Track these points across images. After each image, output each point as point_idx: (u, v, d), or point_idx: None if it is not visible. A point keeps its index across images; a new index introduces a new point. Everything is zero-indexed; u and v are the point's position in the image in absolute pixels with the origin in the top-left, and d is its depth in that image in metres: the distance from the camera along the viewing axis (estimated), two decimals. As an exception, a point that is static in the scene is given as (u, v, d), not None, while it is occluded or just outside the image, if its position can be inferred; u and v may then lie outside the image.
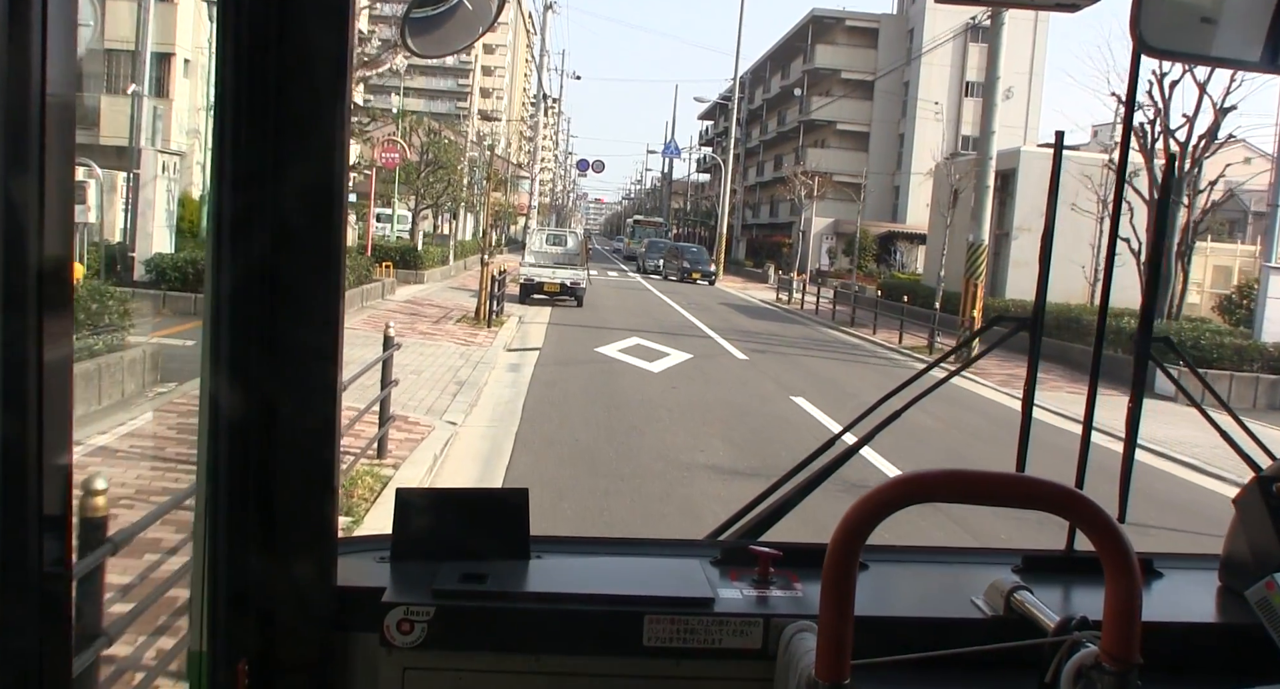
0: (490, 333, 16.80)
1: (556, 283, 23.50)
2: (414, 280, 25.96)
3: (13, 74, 0.81)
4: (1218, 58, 1.63)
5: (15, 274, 0.83)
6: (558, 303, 23.95)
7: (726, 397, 12.67)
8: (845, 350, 19.62)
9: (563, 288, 23.56)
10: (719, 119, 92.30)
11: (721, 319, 24.46)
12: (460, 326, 17.35)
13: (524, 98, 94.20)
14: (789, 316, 27.65)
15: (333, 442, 1.35)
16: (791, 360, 16.89)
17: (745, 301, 32.65)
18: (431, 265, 28.04)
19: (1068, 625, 1.17)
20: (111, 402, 8.57)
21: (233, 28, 1.22)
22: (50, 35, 0.83)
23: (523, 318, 20.18)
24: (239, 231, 1.25)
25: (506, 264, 26.05)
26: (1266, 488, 1.51)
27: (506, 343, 15.87)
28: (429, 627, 1.37)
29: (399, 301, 21.02)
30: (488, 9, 1.58)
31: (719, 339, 19.19)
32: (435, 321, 17.61)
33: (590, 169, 63.65)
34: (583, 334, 18.38)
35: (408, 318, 17.79)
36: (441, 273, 29.15)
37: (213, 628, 1.26)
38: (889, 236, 47.82)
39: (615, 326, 19.86)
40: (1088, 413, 1.73)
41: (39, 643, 0.88)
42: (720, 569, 1.55)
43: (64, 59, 0.85)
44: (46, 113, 0.83)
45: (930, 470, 1.01)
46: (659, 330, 19.94)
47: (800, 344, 19.97)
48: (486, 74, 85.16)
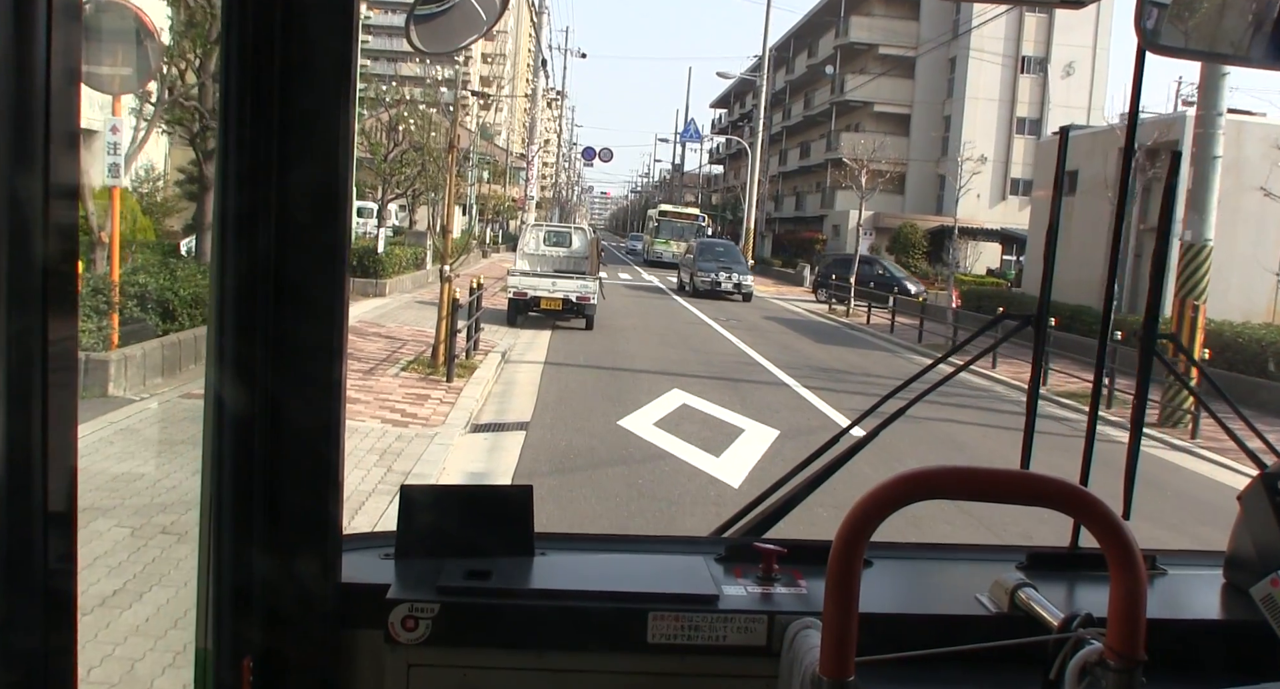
0: (450, 391, 10.59)
1: (557, 298, 17.22)
2: (373, 292, 19.84)
3: (18, 71, 0.81)
4: (1222, 54, 1.59)
5: (20, 271, 0.82)
6: (559, 325, 17.74)
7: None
8: (988, 404, 13.35)
9: (566, 305, 17.26)
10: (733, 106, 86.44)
11: (779, 344, 18.24)
12: (408, 380, 11.14)
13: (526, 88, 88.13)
14: (859, 338, 21.40)
15: (337, 439, 1.34)
16: (929, 430, 10.64)
17: (793, 314, 26.39)
18: (397, 272, 21.89)
19: (1072, 622, 1.14)
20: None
21: (237, 25, 1.21)
22: (54, 33, 0.82)
23: (508, 354, 13.98)
24: (244, 228, 1.24)
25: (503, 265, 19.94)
26: (1271, 485, 1.50)
27: (473, 413, 9.68)
28: (433, 623, 1.37)
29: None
30: (492, 5, 1.58)
31: (798, 386, 12.98)
32: (369, 370, 11.41)
33: (597, 158, 57.29)
34: (595, 384, 12.19)
35: (330, 361, 11.58)
36: (413, 280, 22.98)
37: (217, 625, 1.26)
38: (942, 231, 41.61)
39: (643, 367, 13.65)
40: (1092, 410, 1.80)
41: (44, 640, 0.87)
42: (725, 566, 1.56)
43: (67, 57, 0.84)
44: (51, 110, 0.83)
45: (934, 467, 1.01)
46: (706, 371, 13.73)
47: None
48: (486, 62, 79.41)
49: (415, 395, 10.15)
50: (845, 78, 51.31)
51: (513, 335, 16.24)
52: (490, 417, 9.87)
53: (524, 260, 19.31)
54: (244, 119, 1.22)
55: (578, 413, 10.26)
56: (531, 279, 17.53)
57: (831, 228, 48.77)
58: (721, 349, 16.84)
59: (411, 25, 1.56)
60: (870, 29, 51.09)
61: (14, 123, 0.81)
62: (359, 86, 3.61)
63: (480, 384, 11.07)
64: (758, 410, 10.78)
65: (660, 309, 24.31)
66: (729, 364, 15.03)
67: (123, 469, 6.48)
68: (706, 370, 13.89)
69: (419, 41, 1.58)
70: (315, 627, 1.35)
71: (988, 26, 44.28)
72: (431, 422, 9.01)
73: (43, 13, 0.82)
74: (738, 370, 14.24)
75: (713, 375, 13.43)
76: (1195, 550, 1.79)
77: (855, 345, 19.59)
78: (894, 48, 49.67)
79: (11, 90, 0.81)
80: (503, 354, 13.70)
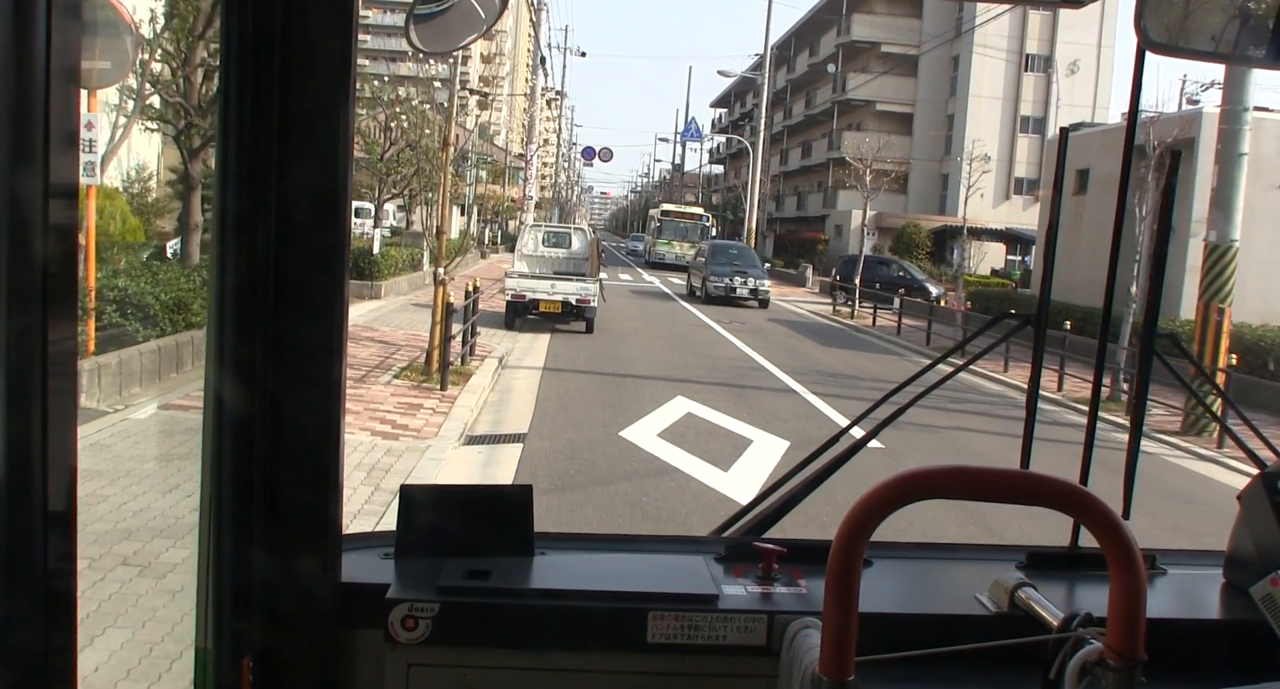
0: (444, 399, 10.12)
1: (556, 300, 16.74)
2: (369, 294, 19.36)
3: (18, 71, 0.81)
4: (1222, 54, 1.57)
5: (20, 271, 0.82)
6: (558, 329, 17.26)
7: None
8: (1002, 410, 12.88)
9: (565, 307, 16.78)
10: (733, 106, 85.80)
11: (785, 347, 17.76)
12: (399, 388, 10.67)
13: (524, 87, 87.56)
14: (867, 341, 20.91)
15: (336, 438, 1.34)
16: (945, 438, 10.17)
17: (798, 316, 25.90)
18: (394, 273, 21.40)
19: (1072, 622, 1.14)
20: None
21: (237, 24, 1.21)
22: (54, 33, 0.82)
23: (505, 359, 13.50)
24: (243, 228, 1.24)
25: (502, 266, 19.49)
26: (1271, 484, 1.49)
27: (467, 424, 9.20)
28: (433, 623, 1.37)
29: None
30: (491, 4, 1.57)
31: (806, 393, 12.50)
32: (361, 377, 10.92)
33: (597, 157, 56.75)
34: (596, 390, 11.72)
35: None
36: (409, 282, 22.49)
37: (217, 625, 1.25)
38: (945, 231, 41.10)
39: (645, 373, 13.17)
40: (1092, 410, 1.80)
41: (44, 640, 0.88)
42: (724, 566, 1.55)
43: (67, 57, 0.84)
44: (50, 109, 0.82)
45: (935, 467, 1.00)
46: (711, 377, 13.26)
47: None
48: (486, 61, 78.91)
49: (407, 405, 9.67)
50: (847, 76, 50.80)
51: (510, 339, 15.77)
52: (486, 427, 9.39)
53: (522, 262, 18.83)
54: (244, 119, 1.22)
55: (577, 423, 9.78)
56: (530, 281, 17.04)
57: (834, 228, 48.24)
58: (725, 352, 16.36)
59: (411, 25, 1.56)
60: (872, 27, 50.57)
61: (13, 122, 0.81)
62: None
63: (476, 392, 10.59)
64: (766, 419, 10.30)
65: (660, 311, 23.82)
66: (731, 365, 14.58)
67: (86, 491, 5.99)
68: (711, 376, 13.42)
69: (419, 41, 1.59)
70: (315, 626, 1.35)
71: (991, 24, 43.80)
72: (424, 434, 8.54)
73: (42, 13, 0.82)
74: (743, 376, 13.75)
75: (717, 381, 12.96)
76: (1195, 550, 1.79)
77: (858, 349, 19.10)
78: (896, 46, 49.19)
79: (11, 90, 0.81)
80: (500, 359, 13.22)
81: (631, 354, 15.22)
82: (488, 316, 17.32)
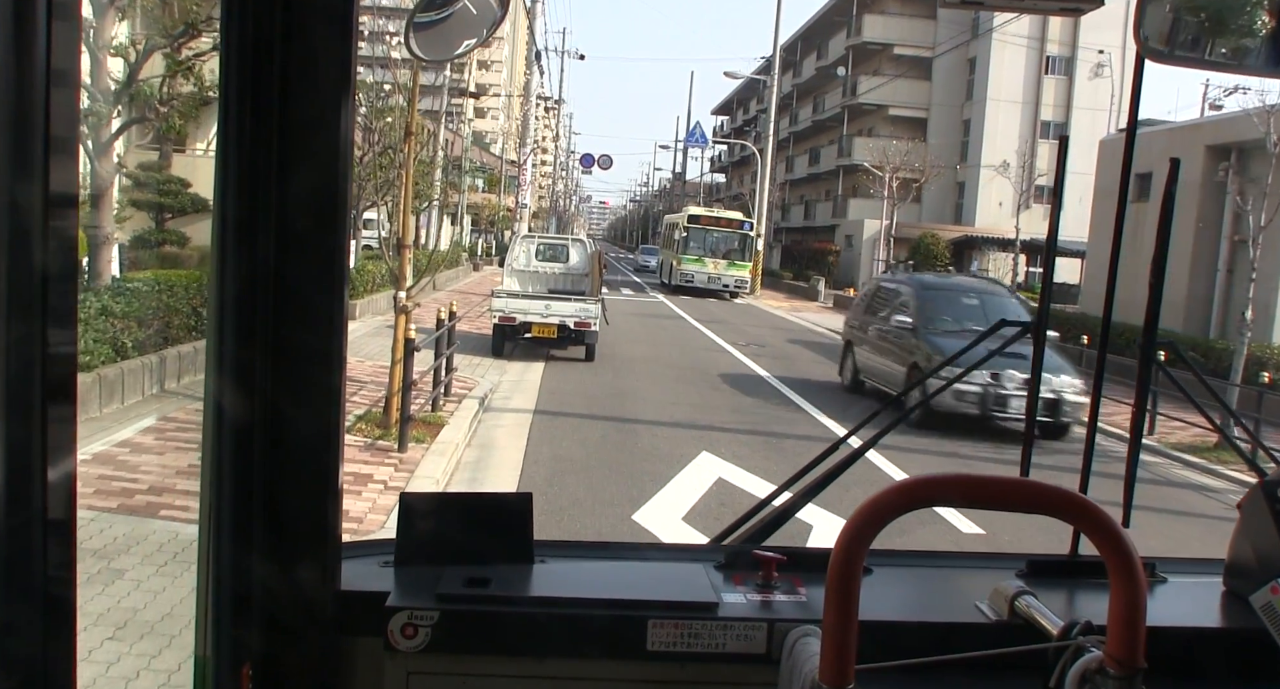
0: (403, 466, 7.75)
1: (551, 324, 14.37)
2: (339, 315, 17.01)
3: (17, 73, 0.80)
4: (1221, 63, 1.59)
5: (19, 278, 0.82)
6: (554, 356, 14.91)
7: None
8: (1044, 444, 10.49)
9: (562, 332, 14.42)
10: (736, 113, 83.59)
11: (810, 374, 15.42)
12: (349, 447, 8.30)
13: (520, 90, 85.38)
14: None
15: (336, 446, 1.34)
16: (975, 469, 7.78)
17: (814, 333, 23.57)
18: (370, 290, 19.08)
19: (1072, 630, 1.13)
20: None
21: (237, 29, 1.21)
22: (54, 34, 0.82)
23: (488, 399, 11.16)
24: (243, 234, 1.24)
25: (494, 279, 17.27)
26: (1271, 493, 1.49)
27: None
28: (433, 631, 1.37)
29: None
30: (491, 11, 1.58)
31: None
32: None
33: (596, 165, 54.47)
34: (599, 444, 9.37)
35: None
36: (387, 300, 20.13)
37: (217, 633, 1.25)
38: (964, 242, 38.85)
39: (658, 417, 10.81)
40: (1092, 418, 1.79)
41: (43, 647, 0.87)
42: (724, 574, 1.55)
43: (67, 59, 0.83)
44: (51, 114, 0.82)
45: (935, 474, 1.00)
46: (739, 421, 10.91)
47: (984, 448, 10.86)
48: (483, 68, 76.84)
49: (355, 476, 7.32)
50: (858, 80, 48.63)
51: (498, 370, 13.44)
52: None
53: (512, 278, 16.39)
54: (243, 125, 1.22)
55: (576, 500, 7.43)
56: (521, 301, 14.66)
57: (844, 238, 46.01)
58: (755, 390, 13.95)
59: (411, 32, 1.60)
60: (884, 28, 48.45)
61: (12, 127, 0.79)
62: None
63: (444, 454, 8.23)
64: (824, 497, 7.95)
65: (667, 331, 21.44)
66: (767, 414, 12.09)
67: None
68: (739, 420, 11.07)
69: (419, 49, 1.63)
70: (315, 634, 1.35)
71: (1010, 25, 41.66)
72: (365, 526, 6.18)
73: (42, 13, 0.81)
74: (779, 422, 11.38)
75: (749, 428, 10.61)
76: (1195, 558, 1.77)
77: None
78: (909, 48, 47.06)
79: (10, 93, 0.80)
80: (481, 400, 10.89)
81: (642, 391, 12.87)
82: (473, 340, 14.98)
